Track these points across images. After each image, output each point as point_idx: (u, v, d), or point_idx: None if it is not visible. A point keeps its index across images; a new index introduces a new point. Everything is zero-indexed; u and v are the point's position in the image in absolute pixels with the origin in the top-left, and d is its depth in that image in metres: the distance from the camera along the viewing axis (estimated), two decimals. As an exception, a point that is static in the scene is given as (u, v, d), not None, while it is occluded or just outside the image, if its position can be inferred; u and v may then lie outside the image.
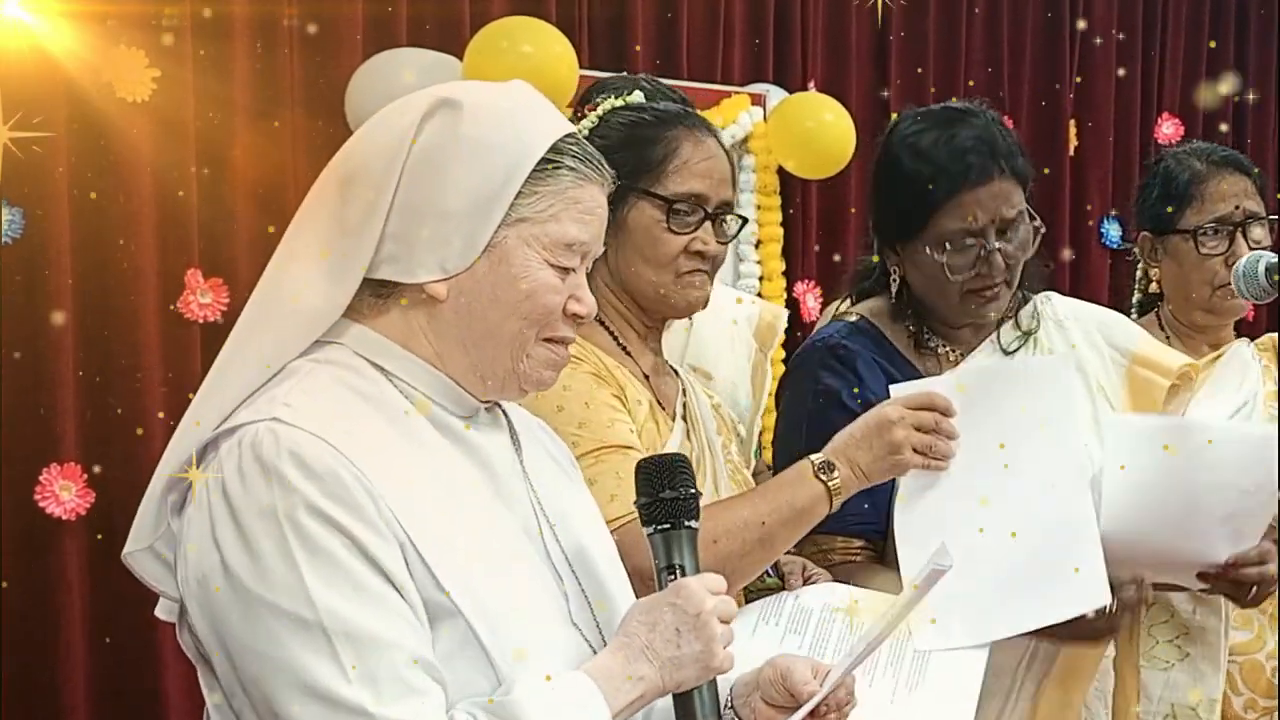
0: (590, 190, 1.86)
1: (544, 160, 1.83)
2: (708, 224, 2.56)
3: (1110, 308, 3.14)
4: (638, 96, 2.67)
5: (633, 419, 2.47)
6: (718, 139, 2.62)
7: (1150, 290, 3.36)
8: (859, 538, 2.76)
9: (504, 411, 1.97)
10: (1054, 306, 2.94)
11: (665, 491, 1.86)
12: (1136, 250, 3.38)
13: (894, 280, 2.85)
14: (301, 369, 1.81)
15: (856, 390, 2.77)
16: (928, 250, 2.75)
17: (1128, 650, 3.04)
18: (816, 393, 2.81)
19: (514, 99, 1.87)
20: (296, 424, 1.72)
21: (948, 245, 2.74)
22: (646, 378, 2.60)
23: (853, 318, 2.90)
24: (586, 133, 2.54)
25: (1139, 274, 3.39)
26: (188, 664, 4.50)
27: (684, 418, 2.63)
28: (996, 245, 2.73)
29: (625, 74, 3.12)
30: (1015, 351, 2.86)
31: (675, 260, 2.55)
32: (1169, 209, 3.26)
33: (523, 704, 1.69)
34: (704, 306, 2.62)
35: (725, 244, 2.59)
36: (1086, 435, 2.69)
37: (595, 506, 2.05)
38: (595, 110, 2.63)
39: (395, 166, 1.80)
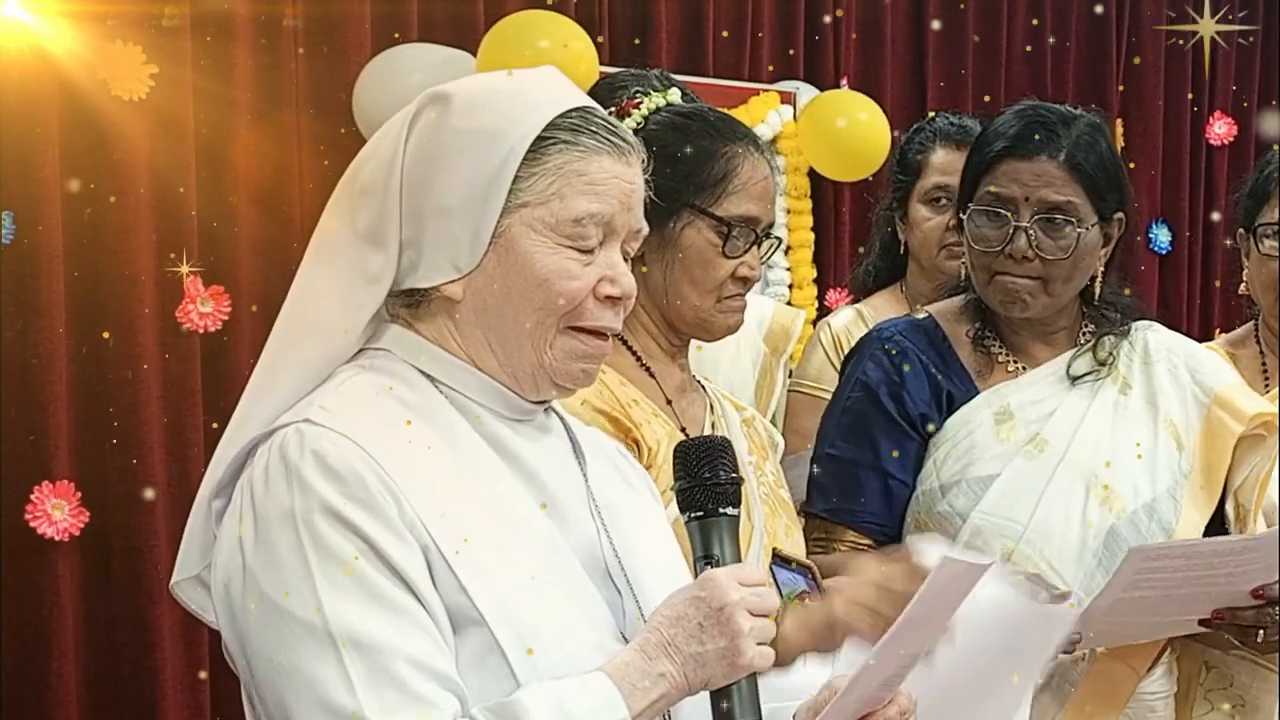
0: (599, 161, 1.84)
1: (541, 139, 1.82)
2: (754, 247, 2.54)
3: (1157, 316, 3.11)
4: (675, 95, 2.62)
5: (650, 461, 2.43)
6: (766, 156, 2.60)
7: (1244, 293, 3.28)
8: (869, 537, 2.84)
9: (566, 425, 1.97)
10: (1149, 338, 2.95)
11: (704, 475, 1.83)
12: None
13: (963, 265, 2.91)
14: (343, 373, 1.84)
15: (895, 390, 2.85)
16: (968, 219, 2.82)
17: (1183, 713, 2.99)
18: (857, 383, 2.89)
19: (510, 83, 1.87)
20: (325, 425, 1.75)
21: (978, 210, 2.81)
22: (670, 401, 2.56)
23: (921, 315, 2.97)
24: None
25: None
26: (184, 690, 4.51)
27: None
28: (1025, 225, 2.76)
29: (643, 70, 3.07)
30: (1082, 378, 2.87)
31: (722, 285, 2.54)
32: (1252, 203, 3.19)
33: (528, 705, 1.68)
34: (740, 327, 2.60)
35: (762, 264, 2.58)
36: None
37: (669, 531, 2.03)
38: (638, 107, 2.58)
39: (394, 173, 1.82)
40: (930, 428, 2.88)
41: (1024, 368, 2.89)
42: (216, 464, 1.85)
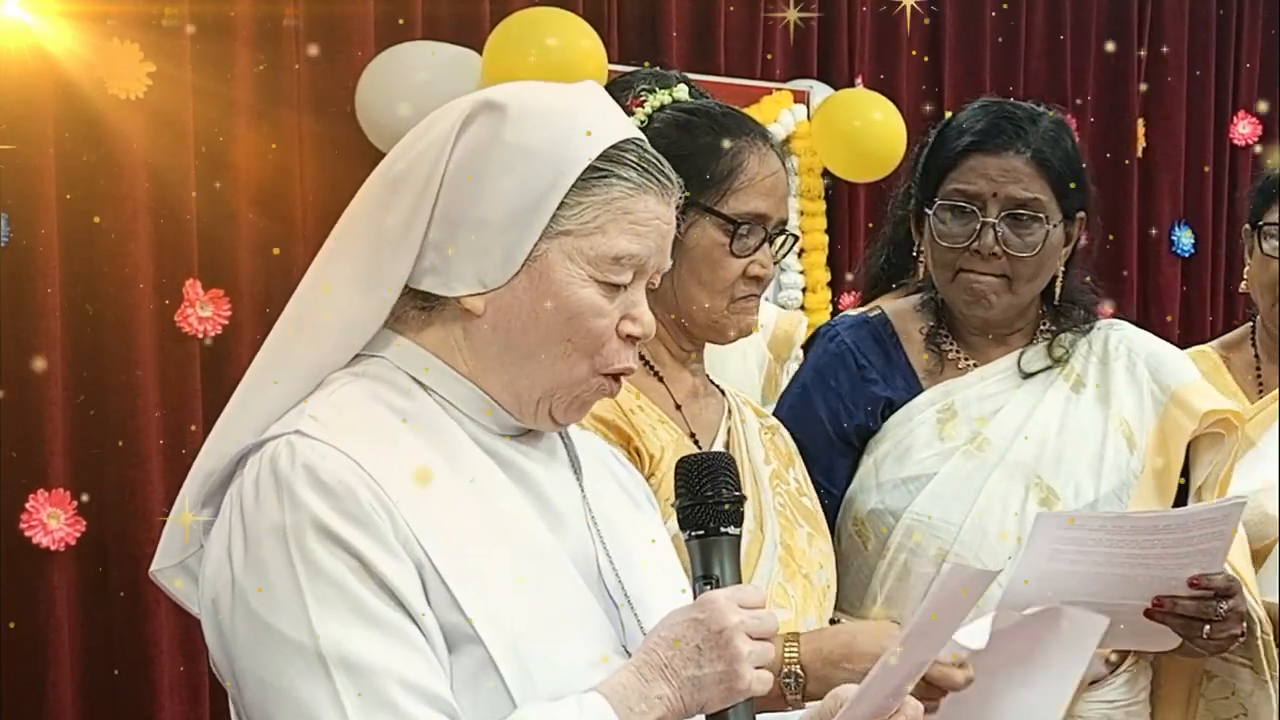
0: (645, 200, 1.83)
1: (593, 168, 1.81)
2: (766, 245, 2.51)
3: (1182, 321, 3.09)
4: (682, 92, 2.60)
5: (652, 470, 2.41)
6: (777, 151, 2.57)
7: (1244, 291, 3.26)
8: None
9: (562, 435, 1.96)
10: (1109, 336, 2.95)
11: (706, 493, 1.83)
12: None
13: (922, 263, 2.90)
14: (336, 381, 1.83)
15: (831, 402, 2.88)
16: (929, 213, 2.82)
17: None
18: (801, 385, 2.94)
19: (566, 101, 1.86)
20: (317, 437, 1.74)
21: (943, 206, 2.80)
22: (679, 407, 2.54)
23: (874, 312, 2.97)
24: None
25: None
26: (183, 702, 4.49)
27: (727, 445, 2.58)
28: (993, 220, 2.76)
29: (658, 68, 3.07)
30: (1036, 374, 2.88)
31: (733, 285, 2.51)
32: (1260, 200, 3.17)
33: None
34: (753, 329, 2.56)
35: (775, 263, 2.55)
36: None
37: (667, 540, 2.03)
38: (641, 105, 2.56)
39: (436, 174, 1.81)
40: (865, 438, 2.88)
41: (975, 364, 2.90)
42: (203, 462, 1.85)
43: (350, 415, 1.78)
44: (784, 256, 2.57)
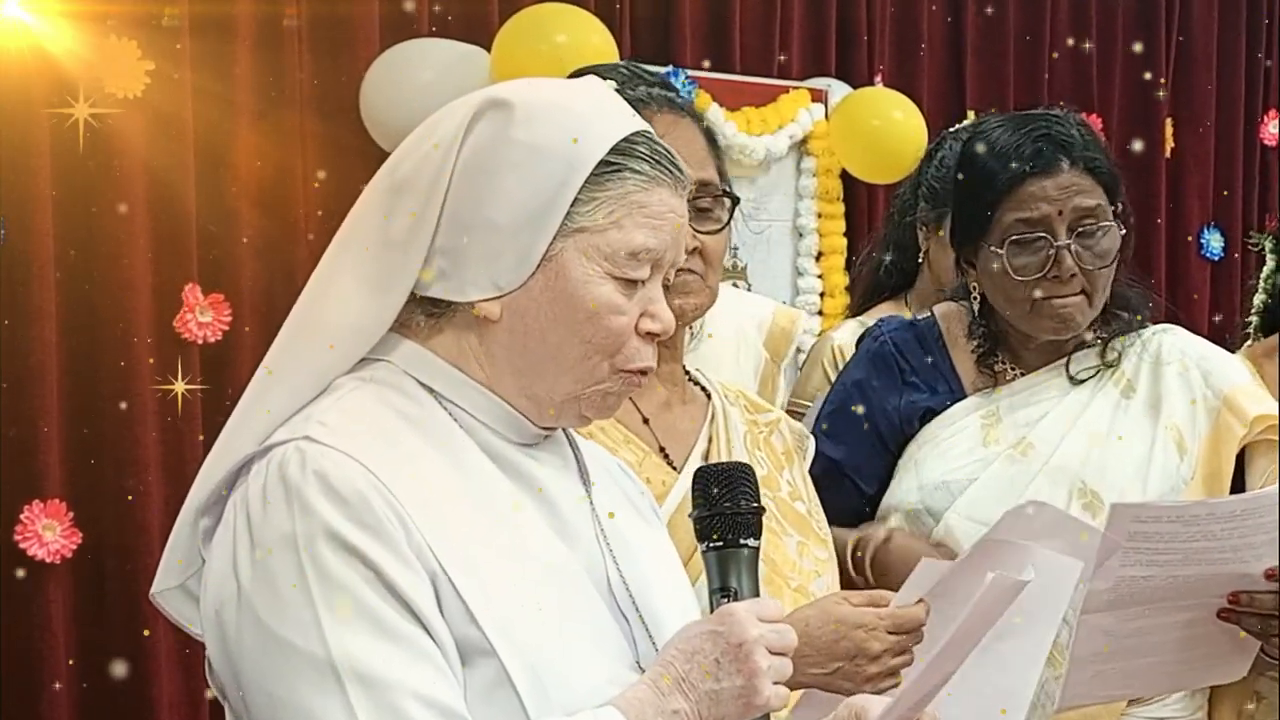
0: (659, 194, 1.83)
1: (604, 163, 1.80)
2: None
3: (1211, 323, 3.08)
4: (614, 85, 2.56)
5: None
6: (681, 111, 2.47)
7: None
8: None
9: (573, 447, 1.95)
10: (1163, 341, 2.95)
11: (724, 504, 1.83)
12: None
13: (974, 299, 2.88)
14: (344, 386, 1.82)
15: (871, 403, 2.90)
16: (993, 250, 2.79)
17: None
18: (844, 383, 2.97)
19: (572, 97, 1.85)
20: (328, 443, 1.73)
21: (1011, 241, 2.77)
22: (647, 420, 2.51)
23: (923, 316, 2.98)
24: None
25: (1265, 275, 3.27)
26: (183, 719, 4.46)
27: (705, 455, 2.53)
28: (1066, 242, 2.75)
29: (670, 65, 3.04)
30: (1086, 381, 2.88)
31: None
32: None
33: None
34: (698, 313, 2.50)
35: (713, 233, 2.44)
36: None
37: (675, 554, 2.03)
38: None
39: (442, 176, 1.80)
40: (902, 442, 2.90)
41: (1020, 373, 2.90)
42: (208, 472, 1.83)
43: (360, 421, 1.77)
44: (727, 222, 2.44)
